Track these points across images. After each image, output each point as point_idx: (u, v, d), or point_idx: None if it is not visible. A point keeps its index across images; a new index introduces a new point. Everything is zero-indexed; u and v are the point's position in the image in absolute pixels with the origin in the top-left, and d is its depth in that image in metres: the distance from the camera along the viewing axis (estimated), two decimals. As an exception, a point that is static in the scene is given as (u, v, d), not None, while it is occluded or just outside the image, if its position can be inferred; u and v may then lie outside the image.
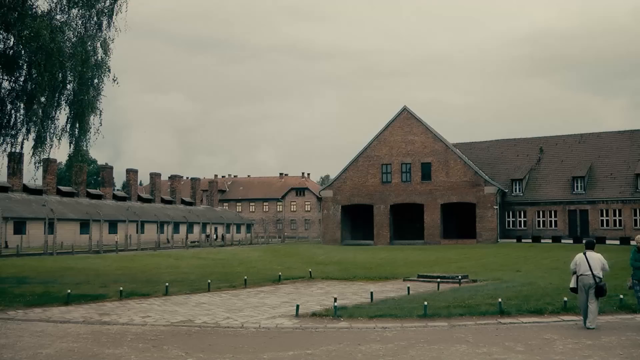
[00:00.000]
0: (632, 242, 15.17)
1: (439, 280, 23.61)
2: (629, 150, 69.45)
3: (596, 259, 14.26)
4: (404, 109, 68.94)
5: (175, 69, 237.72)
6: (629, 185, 66.07)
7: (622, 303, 16.69)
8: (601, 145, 71.90)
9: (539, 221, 69.37)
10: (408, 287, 21.23)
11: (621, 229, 64.08)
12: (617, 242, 52.78)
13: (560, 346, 12.25)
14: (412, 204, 67.56)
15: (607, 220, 66.07)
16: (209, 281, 23.41)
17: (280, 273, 27.14)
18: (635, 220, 64.62)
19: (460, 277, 24.81)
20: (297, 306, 16.59)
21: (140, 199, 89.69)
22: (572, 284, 14.62)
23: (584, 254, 14.44)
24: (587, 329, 13.90)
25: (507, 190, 70.13)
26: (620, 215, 65.56)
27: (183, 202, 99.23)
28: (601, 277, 14.14)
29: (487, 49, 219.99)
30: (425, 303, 15.92)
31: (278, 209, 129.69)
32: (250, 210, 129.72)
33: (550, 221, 68.78)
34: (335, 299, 16.63)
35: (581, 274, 14.26)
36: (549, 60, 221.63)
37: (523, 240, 60.75)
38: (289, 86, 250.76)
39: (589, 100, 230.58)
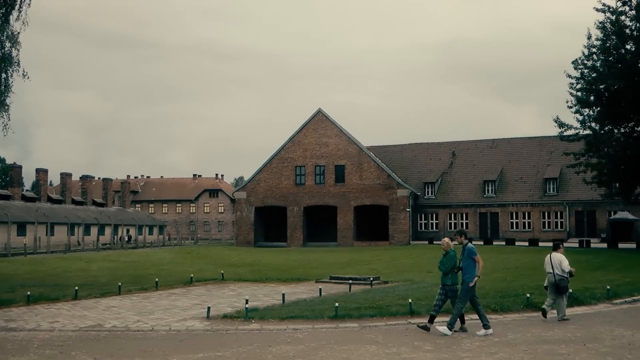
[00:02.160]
0: (437, 242, 16.01)
1: (350, 281, 23.76)
2: (539, 155, 71.59)
3: (556, 259, 15.85)
4: (319, 112, 69.23)
5: (87, 66, 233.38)
6: (538, 189, 68.11)
7: (528, 301, 17.23)
8: (512, 151, 73.84)
9: (450, 223, 70.63)
10: (320, 289, 21.28)
11: (530, 231, 66.08)
12: (527, 243, 54.38)
13: (467, 344, 12.58)
14: (326, 206, 67.90)
15: (516, 223, 67.90)
16: (120, 284, 23.04)
17: (192, 275, 26.97)
18: (544, 222, 66.76)
19: (372, 278, 25.06)
20: (209, 308, 16.54)
21: (50, 199, 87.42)
22: (545, 283, 16.34)
23: (550, 255, 16.06)
24: (545, 321, 15.43)
25: (419, 193, 71.11)
26: (529, 218, 67.50)
27: (94, 203, 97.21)
28: (562, 275, 15.63)
29: (402, 54, 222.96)
30: (337, 304, 16.08)
31: (191, 211, 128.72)
32: (163, 211, 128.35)
33: (462, 223, 70.10)
34: (247, 301, 16.63)
35: (547, 272, 16.01)
36: (463, 67, 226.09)
37: (435, 242, 61.49)
38: (202, 86, 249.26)
39: (500, 106, 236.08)
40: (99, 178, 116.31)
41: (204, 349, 12.32)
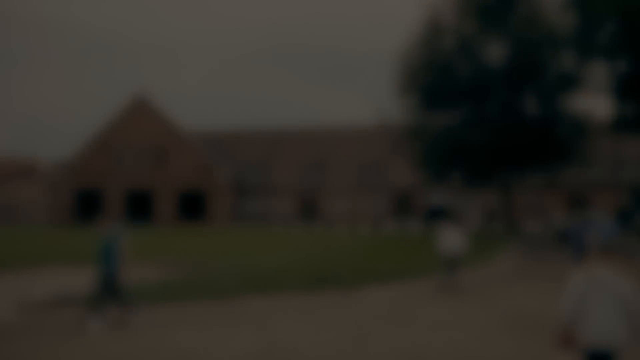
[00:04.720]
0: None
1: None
2: (360, 141, 73.10)
3: (454, 236, 17.77)
4: (140, 94, 68.00)
5: None
6: (360, 173, 70.07)
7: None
8: (335, 135, 75.22)
9: (272, 205, 71.20)
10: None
11: (351, 213, 67.52)
12: (346, 226, 55.39)
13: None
14: (146, 190, 67.11)
15: (338, 205, 69.27)
16: None
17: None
18: (364, 205, 68.67)
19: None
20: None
21: None
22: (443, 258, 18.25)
23: (446, 232, 18.06)
24: None
25: (241, 176, 71.20)
26: (350, 201, 69.24)
27: None
28: (458, 251, 17.79)
29: (227, 36, 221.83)
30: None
31: None
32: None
33: (284, 206, 70.80)
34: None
35: (442, 249, 17.92)
36: (286, 51, 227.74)
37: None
38: (13, 57, 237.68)
39: (323, 91, 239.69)
40: None
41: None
